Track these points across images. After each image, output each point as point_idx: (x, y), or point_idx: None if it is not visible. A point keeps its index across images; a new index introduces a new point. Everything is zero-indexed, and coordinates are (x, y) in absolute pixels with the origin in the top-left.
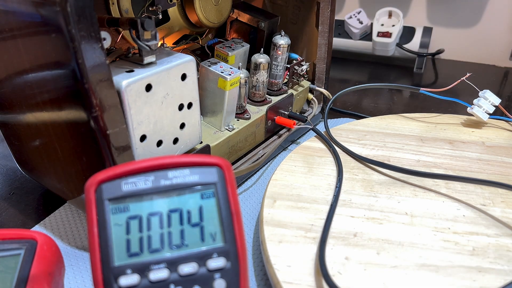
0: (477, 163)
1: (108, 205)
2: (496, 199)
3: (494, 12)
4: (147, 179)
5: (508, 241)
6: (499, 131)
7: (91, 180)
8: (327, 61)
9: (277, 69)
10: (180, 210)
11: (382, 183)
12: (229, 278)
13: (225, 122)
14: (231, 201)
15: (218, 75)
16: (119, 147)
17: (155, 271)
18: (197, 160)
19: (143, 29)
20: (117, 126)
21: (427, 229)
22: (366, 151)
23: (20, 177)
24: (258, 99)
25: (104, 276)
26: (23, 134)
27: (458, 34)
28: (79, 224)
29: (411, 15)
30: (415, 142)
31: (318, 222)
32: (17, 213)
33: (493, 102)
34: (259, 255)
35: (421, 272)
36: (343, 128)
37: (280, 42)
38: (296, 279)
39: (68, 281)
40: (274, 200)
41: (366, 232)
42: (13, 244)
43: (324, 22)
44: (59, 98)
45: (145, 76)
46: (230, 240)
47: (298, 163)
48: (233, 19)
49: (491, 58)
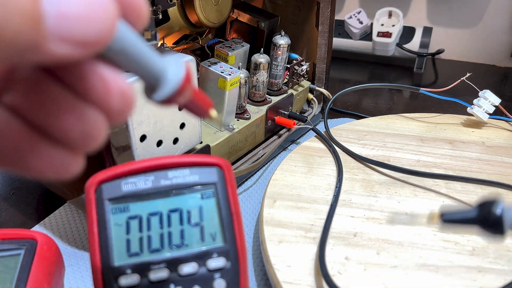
0: (477, 163)
1: (108, 205)
2: None
3: (494, 12)
4: (147, 179)
5: (508, 241)
6: (499, 131)
7: (91, 180)
8: (327, 61)
9: (277, 69)
10: (180, 210)
11: (382, 183)
12: (229, 278)
13: (225, 122)
14: (231, 201)
15: (218, 75)
16: (119, 147)
17: (155, 271)
18: (197, 160)
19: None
20: (117, 126)
21: (427, 229)
22: (366, 151)
23: (20, 177)
24: (258, 99)
25: (104, 276)
26: None
27: (458, 34)
28: (79, 224)
29: (411, 15)
30: (415, 142)
31: (318, 222)
32: (17, 213)
33: (493, 102)
34: (259, 255)
35: (421, 272)
36: (343, 128)
37: (280, 42)
38: (296, 279)
39: (68, 281)
40: (274, 200)
41: (366, 232)
42: (13, 244)
43: (324, 22)
44: None
45: None
46: (230, 240)
47: (298, 163)
48: (233, 19)
49: (491, 58)
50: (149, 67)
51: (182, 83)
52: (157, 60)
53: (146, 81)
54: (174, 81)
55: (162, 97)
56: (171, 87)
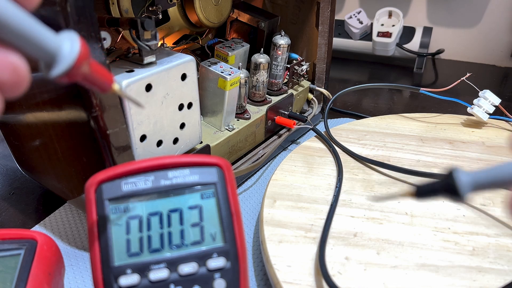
0: (477, 163)
1: (108, 205)
2: (496, 199)
3: (494, 12)
4: (147, 179)
5: (508, 241)
6: (499, 131)
7: (91, 180)
8: (327, 61)
9: (277, 69)
10: (180, 210)
11: (382, 183)
12: (229, 278)
13: (225, 122)
14: (231, 201)
15: (218, 75)
16: (119, 147)
17: (155, 271)
18: (197, 160)
19: (143, 29)
20: (117, 126)
21: (427, 229)
22: (366, 151)
23: (20, 177)
24: (258, 99)
25: (104, 276)
26: (23, 134)
27: (458, 34)
28: (79, 224)
29: (411, 15)
30: (415, 142)
31: (318, 222)
32: (17, 213)
33: (493, 102)
34: (259, 255)
35: (421, 272)
36: (343, 128)
37: (280, 42)
38: (296, 279)
39: (68, 281)
40: (274, 200)
41: (366, 232)
42: (13, 244)
43: (324, 22)
44: (59, 98)
45: (145, 76)
46: (230, 240)
47: (298, 163)
48: (233, 19)
49: (491, 58)
50: (42, 44)
51: (78, 58)
52: (51, 37)
53: (41, 58)
54: (69, 56)
55: (59, 73)
56: (66, 62)
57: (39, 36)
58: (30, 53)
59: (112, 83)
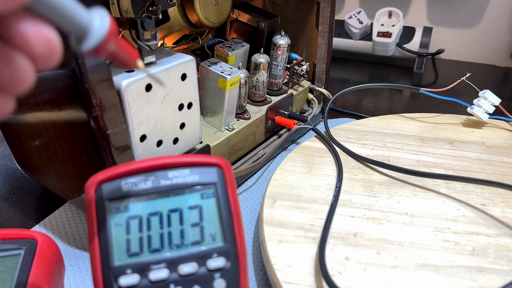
0: (477, 163)
1: (108, 205)
2: (496, 199)
3: (494, 12)
4: (147, 179)
5: (508, 241)
6: (499, 131)
7: (91, 180)
8: (327, 61)
9: (277, 69)
10: (180, 210)
11: (382, 183)
12: (229, 278)
13: (225, 122)
14: (231, 201)
15: (218, 75)
16: (119, 147)
17: (155, 271)
18: (197, 160)
19: (143, 29)
20: (117, 126)
21: (427, 229)
22: (366, 151)
23: (20, 177)
24: (258, 99)
25: (104, 276)
26: (23, 134)
27: (458, 34)
28: (79, 224)
29: (411, 15)
30: (415, 142)
31: (318, 222)
32: (17, 213)
33: (493, 102)
34: (259, 255)
35: (421, 272)
36: (343, 128)
37: (280, 42)
38: (296, 279)
39: (68, 281)
40: (274, 200)
41: (366, 232)
42: (13, 244)
43: (324, 22)
44: (59, 98)
45: (145, 76)
46: (230, 240)
47: (298, 163)
48: (233, 19)
49: (491, 58)
50: (75, 19)
51: (107, 33)
52: (83, 12)
53: (73, 32)
54: (100, 31)
55: (90, 46)
56: (97, 36)
57: (74, 11)
58: (64, 27)
59: (137, 60)
